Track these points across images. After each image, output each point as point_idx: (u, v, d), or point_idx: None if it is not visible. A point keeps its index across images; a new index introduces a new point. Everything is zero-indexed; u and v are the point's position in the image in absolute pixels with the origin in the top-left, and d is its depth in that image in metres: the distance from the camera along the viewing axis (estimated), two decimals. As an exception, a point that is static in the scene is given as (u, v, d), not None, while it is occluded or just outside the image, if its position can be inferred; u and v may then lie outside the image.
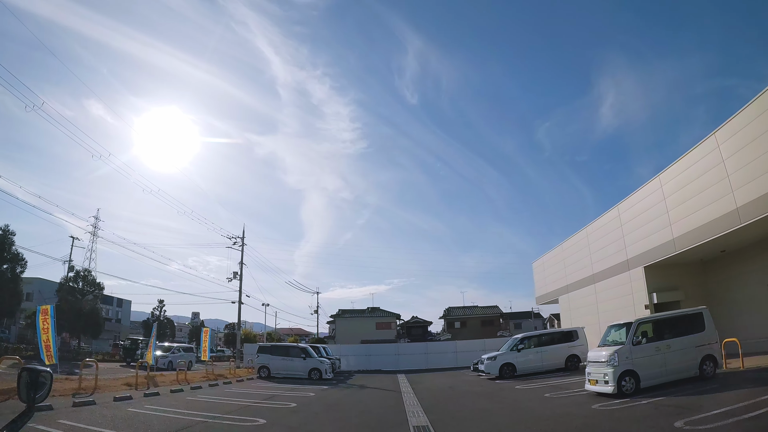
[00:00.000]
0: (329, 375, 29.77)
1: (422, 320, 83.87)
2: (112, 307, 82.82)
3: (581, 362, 26.13)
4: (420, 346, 44.64)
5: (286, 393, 20.57)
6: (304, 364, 29.80)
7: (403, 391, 21.35)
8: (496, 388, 21.19)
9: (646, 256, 25.98)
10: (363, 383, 27.01)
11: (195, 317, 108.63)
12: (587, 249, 32.44)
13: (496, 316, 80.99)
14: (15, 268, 39.26)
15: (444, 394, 20.00)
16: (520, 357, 26.15)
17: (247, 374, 32.25)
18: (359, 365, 41.70)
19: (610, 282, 29.32)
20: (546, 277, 41.24)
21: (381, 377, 32.58)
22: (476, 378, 27.44)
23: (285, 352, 31.23)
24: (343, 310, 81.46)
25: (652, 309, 25.39)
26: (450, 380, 27.33)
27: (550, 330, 29.08)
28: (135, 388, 19.38)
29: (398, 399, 18.01)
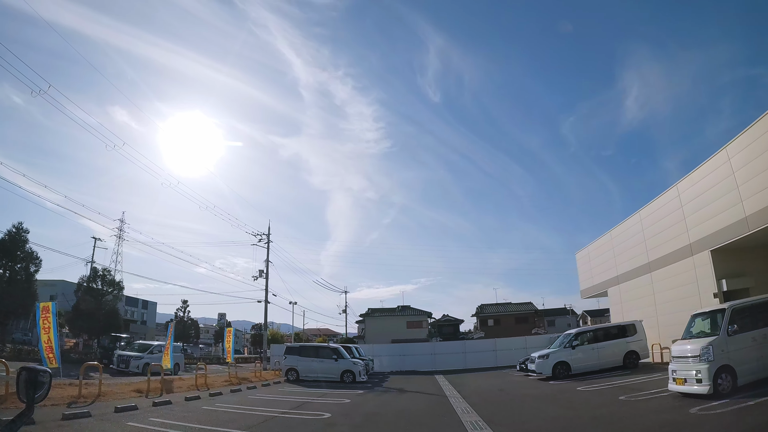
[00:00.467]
0: (363, 377, 27.44)
1: (453, 318, 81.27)
2: (137, 309, 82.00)
3: (640, 359, 24.16)
4: (457, 345, 42.10)
5: (317, 399, 18.22)
6: (336, 366, 27.47)
7: (448, 395, 19.00)
8: (555, 390, 18.73)
9: (712, 238, 23.16)
10: (401, 386, 24.61)
11: (221, 318, 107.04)
12: (641, 235, 29.61)
13: (531, 313, 78.07)
14: (29, 267, 37.60)
15: (498, 399, 17.56)
16: (574, 355, 23.65)
17: (273, 377, 30.09)
18: (393, 366, 39.36)
19: (670, 270, 26.49)
20: (592, 268, 38.33)
21: (418, 379, 30.23)
22: (525, 378, 24.99)
23: (315, 353, 28.91)
24: (372, 309, 78.99)
25: (721, 297, 22.61)
26: (496, 381, 24.90)
27: (606, 324, 26.47)
28: (145, 395, 17.10)
29: (447, 405, 15.58)
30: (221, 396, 19.01)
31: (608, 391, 16.87)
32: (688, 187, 25.18)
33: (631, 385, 17.59)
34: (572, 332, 24.89)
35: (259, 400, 17.81)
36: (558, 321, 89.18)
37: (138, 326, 78.15)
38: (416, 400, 18.01)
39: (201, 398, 17.68)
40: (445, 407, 15.10)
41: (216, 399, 17.96)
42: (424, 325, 73.70)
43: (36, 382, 3.03)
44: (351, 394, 20.40)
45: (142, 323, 78.62)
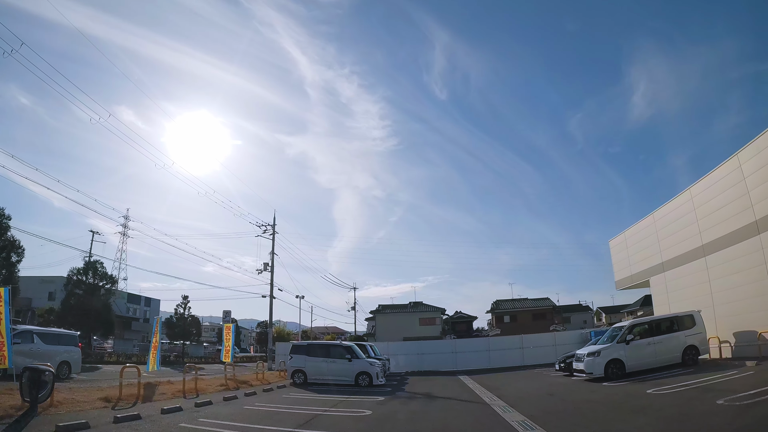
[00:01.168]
0: (381, 380, 24.04)
1: (467, 315, 78.42)
2: (140, 307, 79.64)
3: (700, 355, 21.01)
4: (480, 343, 38.55)
5: (330, 411, 14.74)
6: (350, 367, 24.07)
7: (489, 402, 15.73)
8: (621, 394, 15.48)
9: None
10: (427, 390, 21.27)
11: (227, 316, 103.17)
12: (692, 215, 26.16)
13: (549, 309, 74.70)
14: (10, 256, 34.76)
15: (558, 408, 14.07)
16: (629, 351, 20.23)
17: (278, 379, 26.81)
18: (409, 366, 36.03)
19: (730, 252, 23.10)
20: (630, 256, 34.73)
21: (442, 380, 26.92)
22: (570, 380, 21.71)
23: (325, 353, 25.46)
24: (383, 306, 75.82)
25: None
26: (537, 384, 21.60)
27: (661, 315, 23.00)
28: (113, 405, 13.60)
29: (497, 418, 12.19)
30: (210, 406, 15.38)
31: (691, 394, 13.75)
32: (752, 156, 22.03)
33: (711, 385, 14.71)
34: (625, 324, 21.51)
35: (256, 414, 14.13)
36: (573, 318, 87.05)
37: (140, 324, 75.92)
38: (455, 411, 14.55)
39: (183, 410, 13.93)
40: (498, 422, 11.69)
41: (202, 411, 14.32)
42: (437, 322, 70.86)
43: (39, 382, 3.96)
44: (370, 402, 17.04)
45: (144, 321, 75.55)
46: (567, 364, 23.95)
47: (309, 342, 31.72)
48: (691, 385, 15.19)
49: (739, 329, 22.08)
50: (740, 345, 22.08)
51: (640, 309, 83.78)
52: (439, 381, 26.41)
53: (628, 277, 34.47)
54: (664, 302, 29.28)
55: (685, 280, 26.93)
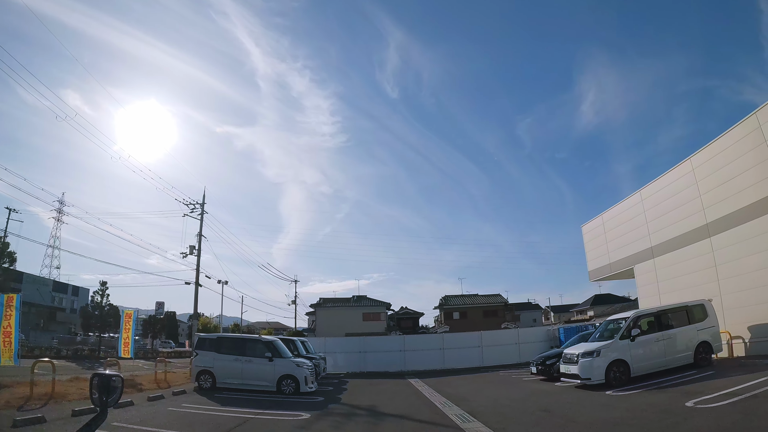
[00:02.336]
0: (311, 386, 18.73)
1: (413, 311, 73.83)
2: (67, 296, 71.09)
3: (713, 353, 17.10)
4: (433, 340, 33.38)
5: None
6: (271, 369, 18.66)
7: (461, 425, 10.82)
8: (650, 410, 10.91)
9: None
10: (370, 402, 16.23)
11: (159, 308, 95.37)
12: (693, 189, 21.82)
13: (500, 305, 70.66)
14: None
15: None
16: (635, 349, 15.71)
17: (184, 382, 21.20)
18: (350, 366, 30.71)
19: (746, 229, 18.98)
20: (608, 242, 30.30)
21: (389, 385, 21.88)
22: (556, 387, 16.95)
23: (240, 349, 19.75)
24: (324, 299, 70.32)
25: None
26: (514, 392, 16.87)
27: (668, 306, 18.31)
28: None
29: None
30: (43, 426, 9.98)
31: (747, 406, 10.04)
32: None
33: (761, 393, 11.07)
34: (630, 315, 16.74)
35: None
36: (523, 316, 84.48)
37: (66, 315, 67.76)
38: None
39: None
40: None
41: None
42: (382, 317, 66.17)
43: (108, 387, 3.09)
44: (288, 423, 11.94)
45: (72, 311, 67.88)
46: (547, 366, 19.37)
47: (220, 335, 25.35)
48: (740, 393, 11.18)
49: (756, 322, 18.20)
50: (758, 341, 18.21)
51: (590, 308, 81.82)
52: (386, 387, 21.34)
53: (606, 266, 29.93)
54: (652, 293, 24.91)
55: (682, 266, 22.65)
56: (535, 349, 28.87)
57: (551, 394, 15.09)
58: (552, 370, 18.76)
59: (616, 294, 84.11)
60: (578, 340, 20.76)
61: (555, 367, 18.42)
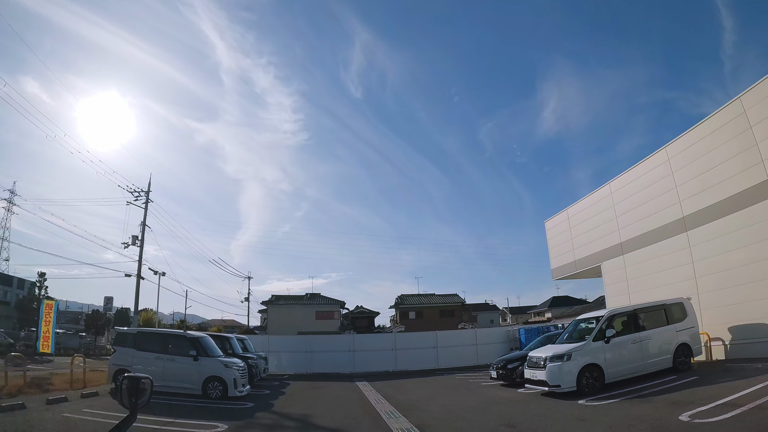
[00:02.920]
0: (241, 390, 16.30)
1: (368, 311, 71.71)
2: (12, 289, 66.43)
3: (692, 356, 15.60)
4: (384, 340, 31.23)
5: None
6: (196, 370, 16.22)
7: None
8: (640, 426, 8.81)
9: None
10: (305, 410, 14.05)
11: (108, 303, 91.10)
12: (669, 180, 20.16)
13: (457, 305, 68.90)
14: None
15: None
16: (610, 352, 13.89)
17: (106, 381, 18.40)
18: (296, 366, 28.29)
19: (728, 222, 17.42)
20: (574, 238, 28.44)
21: (334, 389, 19.79)
22: (520, 394, 14.93)
23: (162, 346, 17.22)
24: (277, 296, 67.46)
25: None
26: (472, 400, 14.83)
27: (646, 303, 16.49)
28: None
29: None
30: None
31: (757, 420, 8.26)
32: (760, 99, 16.43)
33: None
34: (603, 314, 14.87)
35: None
36: (481, 317, 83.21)
37: (10, 309, 62.56)
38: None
39: None
40: None
41: None
42: (336, 316, 63.89)
43: (138, 389, 3.13)
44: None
45: (18, 305, 63.62)
46: (508, 370, 17.41)
47: (140, 329, 21.75)
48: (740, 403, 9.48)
49: (737, 323, 16.66)
50: (739, 343, 16.64)
51: (548, 310, 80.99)
52: (330, 391, 19.17)
53: (571, 264, 28.13)
54: (621, 292, 23.21)
55: (655, 263, 20.99)
56: (494, 350, 27.40)
57: (515, 404, 13.09)
58: (514, 375, 16.87)
59: (574, 296, 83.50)
60: (544, 342, 18.85)
61: (518, 372, 16.56)
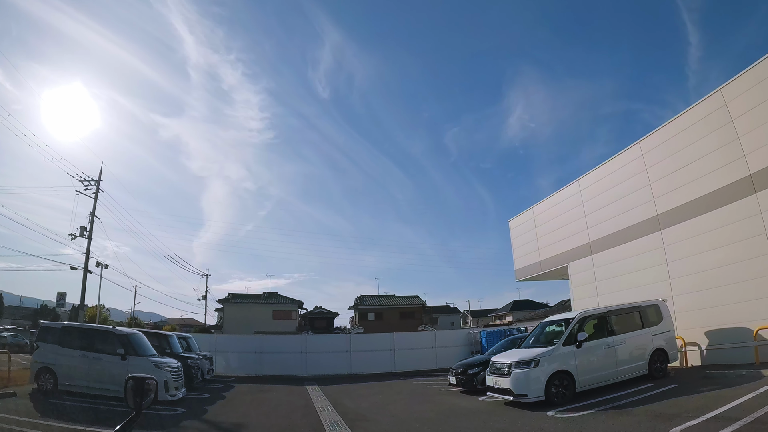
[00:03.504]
0: (173, 394, 14.55)
1: (327, 311, 69.97)
2: None
3: (668, 362, 14.50)
4: (339, 341, 29.77)
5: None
6: (123, 370, 14.14)
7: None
8: None
9: None
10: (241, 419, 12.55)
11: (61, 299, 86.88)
12: (642, 177, 19.05)
13: (418, 307, 67.80)
14: None
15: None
16: (582, 358, 12.62)
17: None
18: (245, 367, 26.66)
19: (705, 221, 16.42)
20: (539, 237, 27.20)
21: (280, 394, 18.23)
22: (481, 402, 13.68)
23: (88, 343, 15.44)
24: (233, 294, 65.35)
25: None
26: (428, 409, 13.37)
27: (620, 305, 15.30)
28: None
29: None
30: None
31: None
32: (744, 90, 15.43)
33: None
34: (574, 316, 13.60)
35: None
36: (441, 319, 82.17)
37: None
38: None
39: None
40: None
41: None
42: (294, 316, 62.46)
43: (143, 390, 3.06)
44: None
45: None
46: (469, 376, 16.10)
47: (65, 324, 19.35)
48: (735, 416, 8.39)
49: (715, 327, 15.60)
50: (716, 348, 15.57)
51: (510, 313, 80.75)
52: (275, 395, 17.60)
53: (536, 264, 26.87)
54: (589, 294, 22.06)
55: (626, 263, 19.90)
56: (454, 353, 26.34)
57: (476, 415, 11.67)
58: (475, 381, 15.70)
59: (535, 300, 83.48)
60: (507, 346, 17.54)
61: (479, 378, 15.40)
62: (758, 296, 14.08)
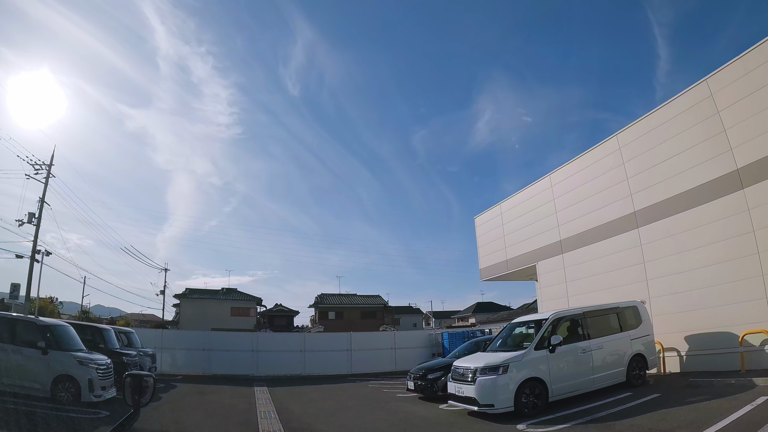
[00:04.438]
0: (99, 394, 12.80)
1: (288, 309, 68.28)
2: None
3: (648, 368, 13.51)
4: (293, 339, 28.15)
5: None
6: (44, 366, 12.53)
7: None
8: None
9: None
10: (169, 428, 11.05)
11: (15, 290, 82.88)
12: (619, 171, 17.94)
13: (379, 307, 66.58)
14: None
15: None
16: (555, 363, 11.36)
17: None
18: (193, 366, 24.88)
19: (686, 218, 15.37)
20: (507, 235, 25.80)
21: (224, 396, 16.66)
22: (442, 411, 12.36)
23: (5, 334, 13.03)
24: (191, 290, 63.19)
25: None
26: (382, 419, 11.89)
27: (596, 306, 14.13)
28: None
29: None
30: None
31: None
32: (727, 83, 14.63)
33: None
34: (546, 317, 12.30)
35: None
36: (403, 320, 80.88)
37: None
38: None
39: None
40: None
41: None
42: (252, 313, 60.67)
43: (141, 387, 3.07)
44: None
45: None
46: (428, 381, 14.73)
47: None
48: None
49: (695, 331, 14.58)
50: (696, 354, 14.59)
51: (473, 315, 79.99)
52: (218, 398, 16.04)
53: (502, 263, 25.59)
54: (558, 295, 20.89)
55: (600, 263, 18.77)
56: (415, 355, 25.22)
57: (434, 427, 10.35)
58: (435, 387, 14.34)
59: (498, 303, 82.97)
60: (471, 349, 16.24)
61: (439, 384, 14.05)
62: (745, 299, 13.04)
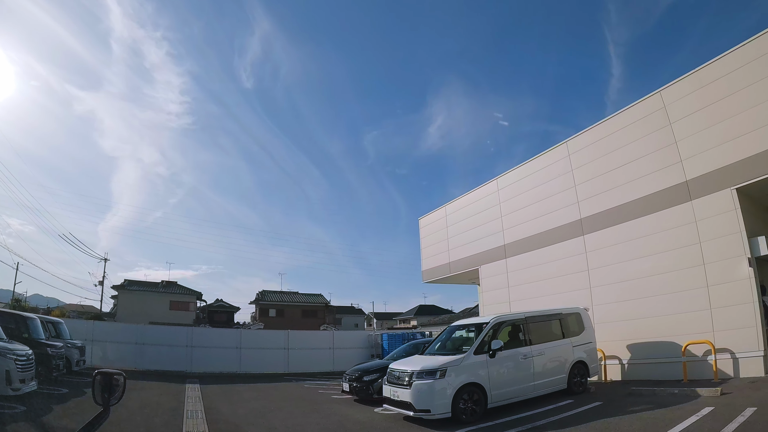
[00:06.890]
0: (18, 387, 11.90)
1: (228, 305, 66.87)
2: None
3: (590, 376, 13.45)
4: (230, 336, 27.25)
5: None
6: None
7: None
8: None
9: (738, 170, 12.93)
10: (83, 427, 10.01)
11: None
12: (567, 178, 17.95)
13: (321, 306, 65.97)
14: None
15: None
16: (495, 369, 11.10)
17: None
18: (125, 360, 23.25)
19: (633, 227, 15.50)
20: (450, 237, 25.54)
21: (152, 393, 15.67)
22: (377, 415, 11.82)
23: None
24: (130, 281, 60.94)
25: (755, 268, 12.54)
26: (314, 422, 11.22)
27: (539, 311, 13.92)
28: None
29: None
30: None
31: None
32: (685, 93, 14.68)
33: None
34: (487, 321, 11.97)
35: None
36: (345, 320, 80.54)
37: None
38: None
39: None
40: None
41: None
42: (192, 308, 59.21)
43: (111, 386, 3.03)
44: None
45: None
46: (364, 383, 14.29)
47: None
48: None
49: (637, 340, 14.76)
50: (638, 362, 14.76)
51: (414, 318, 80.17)
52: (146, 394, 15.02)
53: (445, 266, 25.26)
54: (500, 300, 20.74)
55: (543, 269, 18.73)
56: (354, 356, 24.96)
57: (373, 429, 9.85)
58: (371, 390, 13.93)
59: (440, 306, 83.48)
60: (410, 351, 15.85)
61: (375, 386, 13.66)
62: (690, 309, 13.19)
